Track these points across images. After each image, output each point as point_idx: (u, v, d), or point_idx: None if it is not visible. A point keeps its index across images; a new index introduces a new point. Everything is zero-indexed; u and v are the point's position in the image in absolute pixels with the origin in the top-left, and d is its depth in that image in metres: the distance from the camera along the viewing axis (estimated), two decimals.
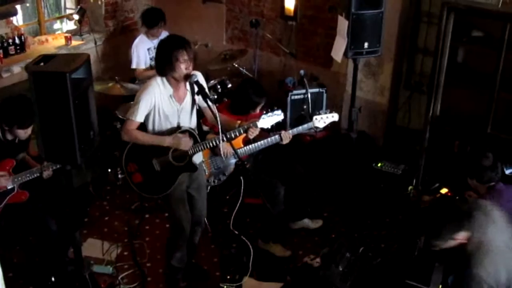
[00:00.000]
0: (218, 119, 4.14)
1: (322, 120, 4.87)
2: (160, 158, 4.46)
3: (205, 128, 5.05)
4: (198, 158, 4.66)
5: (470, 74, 5.58)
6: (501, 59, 5.04)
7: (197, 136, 4.51)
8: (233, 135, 4.44)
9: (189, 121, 4.51)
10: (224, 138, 4.29)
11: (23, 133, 4.73)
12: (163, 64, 4.25)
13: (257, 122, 4.52)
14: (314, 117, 4.87)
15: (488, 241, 3.50)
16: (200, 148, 4.50)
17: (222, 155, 4.74)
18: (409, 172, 5.83)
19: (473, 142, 5.31)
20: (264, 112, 4.61)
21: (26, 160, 4.96)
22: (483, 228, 3.50)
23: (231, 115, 5.17)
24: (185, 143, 4.39)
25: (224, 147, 4.61)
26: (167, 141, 4.37)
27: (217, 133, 4.23)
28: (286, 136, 4.82)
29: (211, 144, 4.53)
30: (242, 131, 4.52)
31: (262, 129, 4.61)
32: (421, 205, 4.91)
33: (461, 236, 3.54)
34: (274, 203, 5.04)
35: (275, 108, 4.65)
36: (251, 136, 4.60)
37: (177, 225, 4.66)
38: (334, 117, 4.91)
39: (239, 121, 4.64)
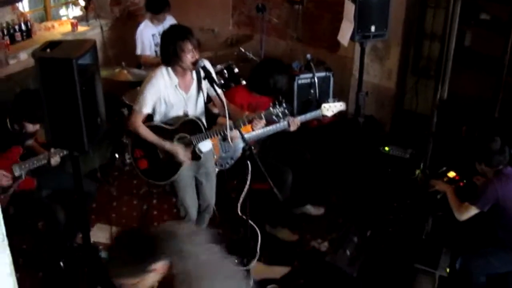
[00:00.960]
0: (226, 105, 4.14)
1: (330, 108, 4.91)
2: None
3: (215, 110, 5.05)
4: (206, 146, 4.67)
5: (478, 58, 5.57)
6: (508, 43, 5.01)
7: (202, 125, 4.52)
8: (238, 124, 4.44)
9: (195, 109, 4.52)
10: (232, 127, 4.33)
11: (32, 127, 4.74)
12: (169, 55, 4.26)
13: (262, 114, 4.52)
14: (323, 105, 4.90)
15: (195, 266, 2.78)
16: (203, 137, 4.52)
17: (229, 141, 4.76)
18: (416, 156, 5.82)
19: (481, 127, 5.29)
20: (271, 105, 4.59)
21: (33, 146, 4.97)
22: (184, 253, 2.78)
23: (252, 94, 5.24)
24: (183, 155, 4.45)
25: (231, 133, 4.62)
26: (167, 146, 4.41)
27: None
28: (295, 123, 4.82)
29: (215, 134, 4.54)
30: (246, 122, 4.52)
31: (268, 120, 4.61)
32: (429, 189, 4.91)
33: (160, 266, 2.75)
34: (282, 188, 5.05)
35: (283, 101, 4.65)
36: (255, 128, 4.62)
37: (185, 212, 4.70)
38: (342, 106, 4.97)
39: (247, 112, 4.66)
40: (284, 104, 4.56)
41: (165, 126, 4.44)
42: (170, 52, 4.23)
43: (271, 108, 4.52)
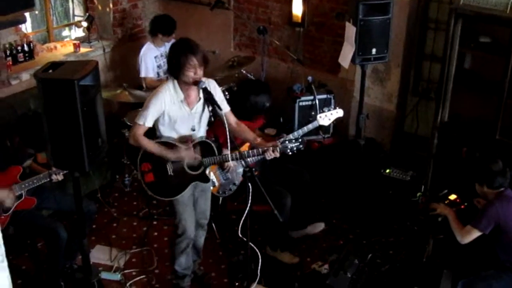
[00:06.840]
0: (227, 129, 4.14)
1: (327, 117, 4.80)
2: (175, 163, 4.46)
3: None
4: None
5: (478, 80, 5.57)
6: (509, 65, 5.01)
7: (215, 149, 4.51)
8: (250, 154, 4.45)
9: (199, 127, 4.51)
10: (234, 157, 4.41)
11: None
12: (173, 67, 4.29)
13: (277, 148, 4.41)
14: (318, 115, 4.80)
15: None
16: (216, 161, 4.53)
17: (226, 169, 4.78)
18: (417, 179, 5.80)
19: (481, 149, 5.29)
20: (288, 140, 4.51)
21: (33, 167, 4.96)
22: None
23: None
24: (188, 155, 4.42)
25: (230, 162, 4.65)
26: (169, 155, 4.41)
27: (238, 146, 4.25)
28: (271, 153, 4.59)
29: (228, 158, 4.53)
30: (261, 152, 4.43)
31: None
32: (430, 213, 4.89)
33: None
34: (281, 210, 5.03)
35: (299, 138, 4.52)
36: (268, 158, 4.48)
37: (182, 229, 4.67)
38: (338, 112, 4.84)
39: (259, 139, 4.57)
40: (300, 140, 4.51)
41: (178, 144, 4.43)
42: (174, 64, 4.27)
43: (287, 142, 4.46)
